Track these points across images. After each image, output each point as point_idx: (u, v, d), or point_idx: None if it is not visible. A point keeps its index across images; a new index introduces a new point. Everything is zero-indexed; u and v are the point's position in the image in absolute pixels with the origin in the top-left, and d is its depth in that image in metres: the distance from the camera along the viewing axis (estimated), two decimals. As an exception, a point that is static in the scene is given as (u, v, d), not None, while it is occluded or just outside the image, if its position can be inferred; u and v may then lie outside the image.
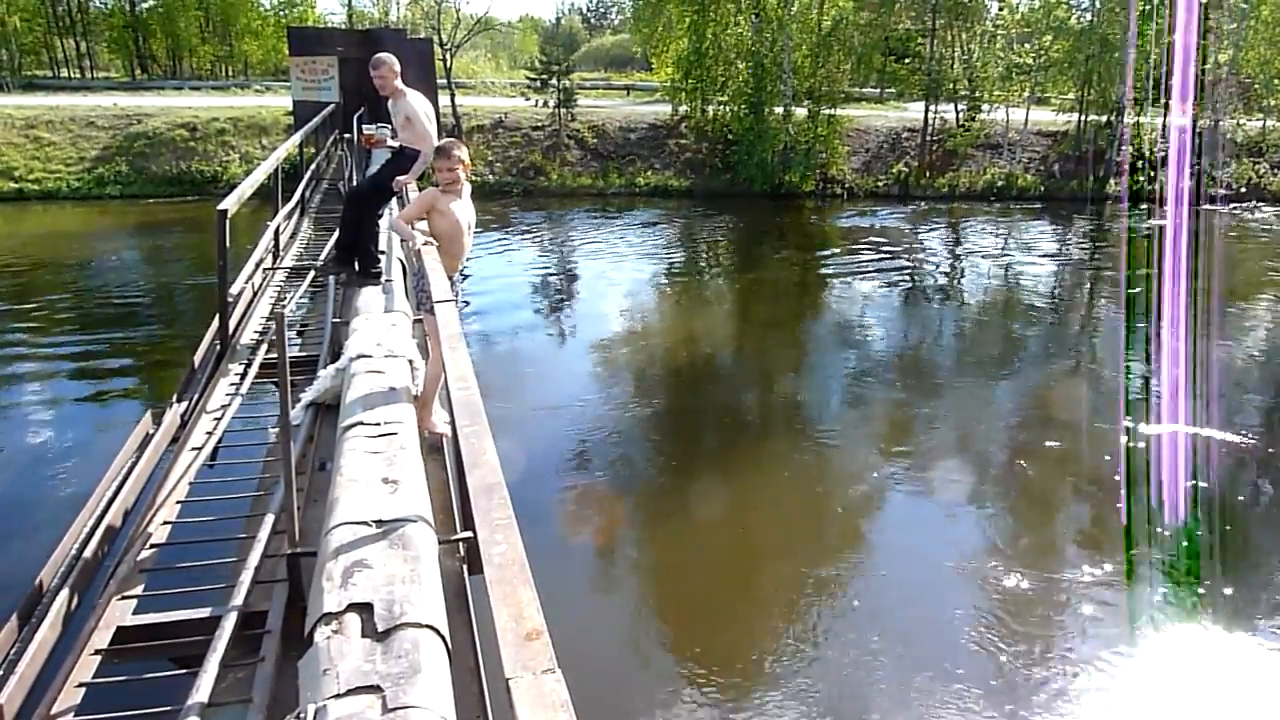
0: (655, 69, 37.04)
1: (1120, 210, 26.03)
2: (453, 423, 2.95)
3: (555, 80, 28.40)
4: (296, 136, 10.74)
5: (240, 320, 6.28)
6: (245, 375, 5.23)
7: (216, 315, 5.80)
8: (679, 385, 11.82)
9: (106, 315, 14.01)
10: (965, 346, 14.25)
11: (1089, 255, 21.30)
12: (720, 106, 29.37)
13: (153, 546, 3.44)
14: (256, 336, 6.00)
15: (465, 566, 3.20)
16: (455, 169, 4.53)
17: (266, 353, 5.55)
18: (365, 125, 7.08)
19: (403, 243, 5.39)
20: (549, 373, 11.97)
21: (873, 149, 29.21)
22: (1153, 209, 25.31)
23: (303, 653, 2.18)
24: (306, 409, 4.53)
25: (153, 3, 40.97)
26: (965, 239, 23.10)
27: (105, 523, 3.49)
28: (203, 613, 3.00)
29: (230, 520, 3.71)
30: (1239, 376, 12.36)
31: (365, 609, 2.24)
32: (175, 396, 5.00)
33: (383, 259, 6.98)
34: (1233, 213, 26.13)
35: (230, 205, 5.50)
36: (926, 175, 27.98)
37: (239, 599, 2.90)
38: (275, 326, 3.11)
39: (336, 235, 7.65)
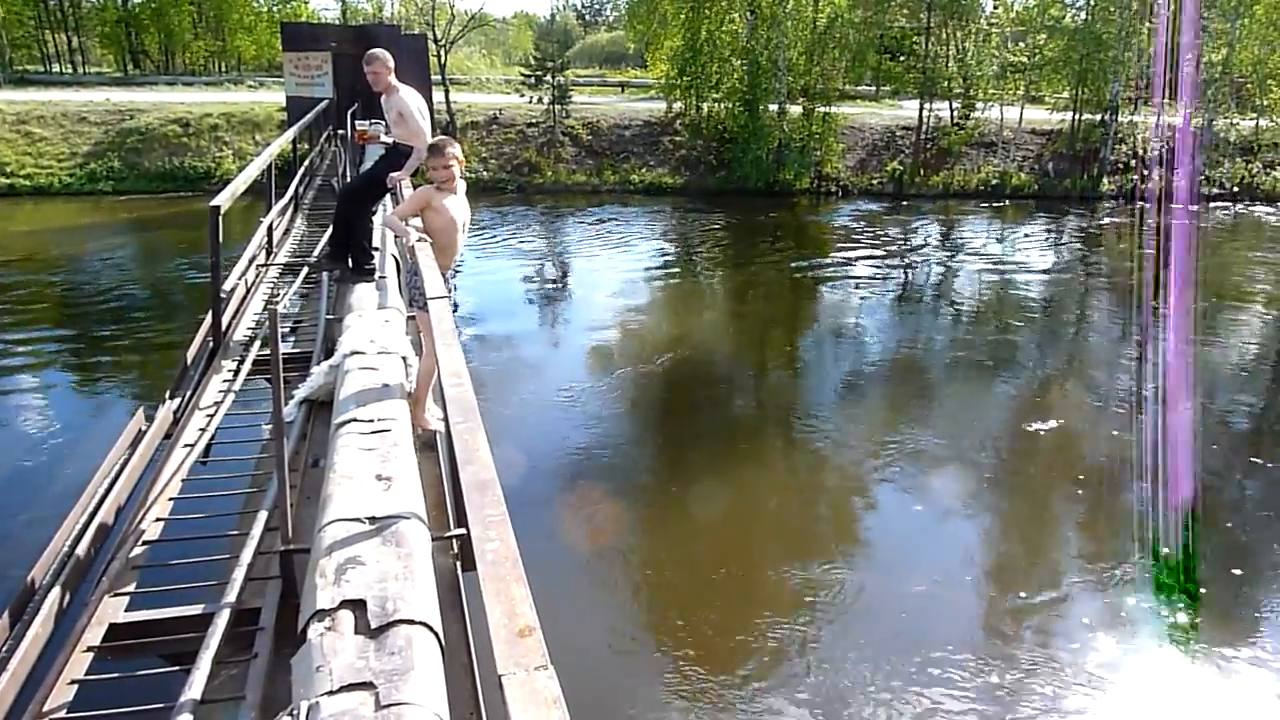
0: (650, 66, 37.05)
1: (1112, 209, 26.12)
2: (446, 419, 2.95)
3: (550, 77, 28.34)
4: (290, 133, 10.71)
5: (233, 317, 6.27)
6: (238, 372, 5.22)
7: (209, 312, 5.79)
8: (672, 384, 11.81)
9: (98, 312, 13.95)
10: (960, 345, 14.28)
11: (1083, 254, 21.37)
12: (715, 104, 29.35)
13: (145, 543, 3.43)
14: (250, 333, 5.99)
15: (459, 563, 3.20)
16: (450, 166, 4.50)
17: (260, 349, 5.54)
18: (359, 121, 7.07)
19: (396, 239, 5.37)
20: (542, 370, 11.95)
21: (867, 147, 29.23)
22: (1146, 208, 25.38)
23: (296, 649, 2.18)
24: (300, 406, 4.52)
25: (145, -3, 40.79)
26: (959, 237, 23.14)
27: (98, 519, 3.49)
28: (196, 609, 2.99)
29: (223, 517, 3.71)
30: (1234, 373, 12.42)
31: (358, 606, 2.24)
32: (168, 393, 4.99)
33: (376, 255, 6.97)
34: (1225, 212, 26.23)
35: (223, 202, 5.48)
36: (921, 173, 28.03)
37: (232, 596, 2.90)
38: (268, 323, 3.11)
39: (330, 232, 7.64)
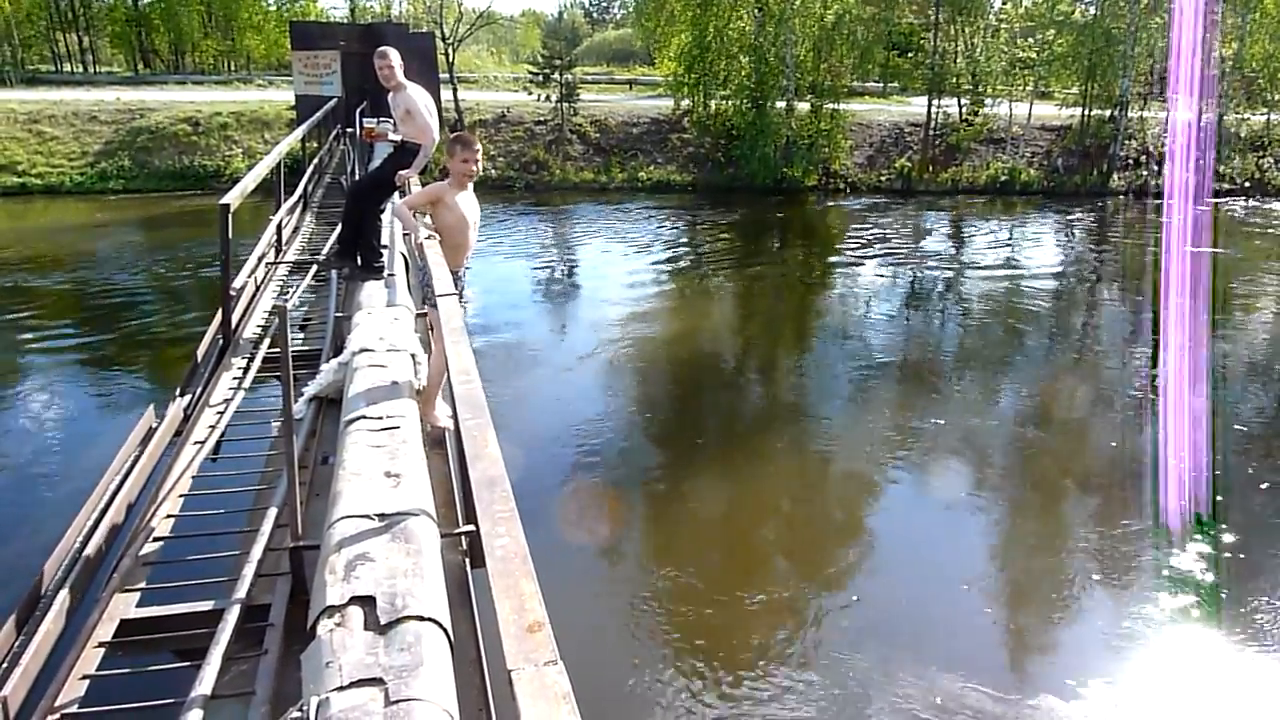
0: (658, 63, 36.95)
1: (1122, 205, 25.98)
2: (455, 416, 2.95)
3: (558, 75, 28.35)
4: (299, 131, 10.73)
5: (243, 314, 6.29)
6: (248, 369, 5.23)
7: (219, 309, 5.81)
8: (680, 381, 11.82)
9: (109, 309, 14.02)
10: (968, 341, 14.23)
11: (1092, 250, 21.26)
12: (723, 101, 29.29)
13: (156, 540, 3.45)
14: (259, 331, 6.01)
15: (468, 559, 3.20)
16: (477, 160, 4.52)
17: (269, 347, 5.56)
18: (367, 119, 7.07)
19: (405, 236, 5.37)
20: (550, 367, 11.96)
21: (875, 144, 29.13)
22: (1156, 204, 25.24)
23: (305, 646, 2.18)
24: (309, 403, 4.53)
25: (155, -3, 40.96)
26: (968, 234, 23.06)
27: (109, 516, 3.50)
28: (206, 606, 3.00)
29: (233, 514, 3.72)
30: (1247, 370, 12.34)
31: (368, 602, 2.24)
32: (178, 390, 5.01)
33: (385, 253, 6.97)
34: (1236, 206, 26.05)
35: (233, 200, 5.50)
36: (929, 170, 27.92)
37: (242, 592, 2.91)
38: (278, 321, 3.11)
39: (339, 230, 7.65)
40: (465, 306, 4.70)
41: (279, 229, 7.95)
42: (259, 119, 26.47)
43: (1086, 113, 29.20)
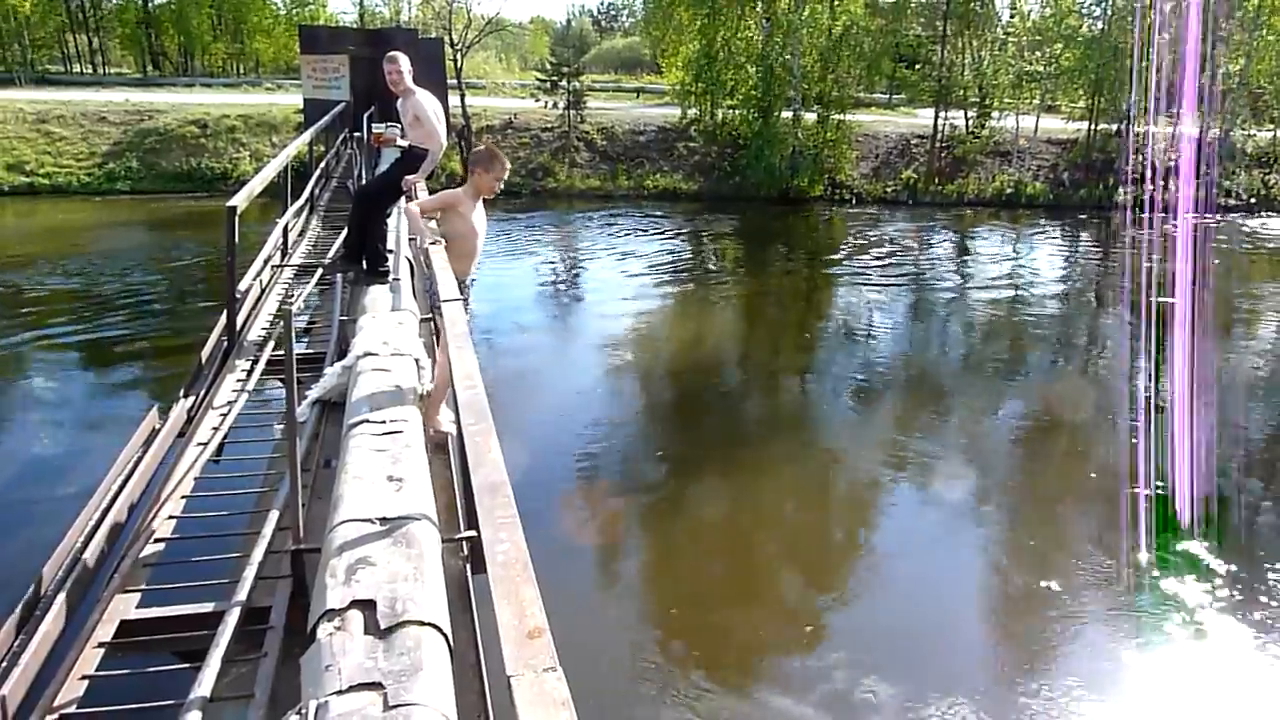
0: (665, 72, 37.05)
1: (1128, 219, 25.96)
2: (458, 421, 2.96)
3: (565, 82, 28.44)
4: (306, 135, 10.79)
5: (248, 317, 6.30)
6: (252, 372, 5.24)
7: (224, 311, 5.83)
8: (685, 389, 11.81)
9: (114, 309, 14.05)
10: (973, 354, 14.22)
11: (1098, 263, 21.25)
12: (729, 110, 29.36)
13: (157, 541, 3.45)
14: (264, 333, 6.02)
15: (469, 565, 3.20)
16: (504, 178, 4.56)
17: (273, 349, 5.57)
18: (374, 124, 7.10)
19: (411, 240, 5.38)
20: (554, 374, 11.97)
21: (881, 155, 29.16)
22: (1162, 218, 25.21)
23: (305, 649, 2.18)
24: (312, 406, 4.53)
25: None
26: (973, 246, 23.06)
27: (110, 517, 3.51)
28: (206, 607, 3.00)
29: (235, 516, 3.72)
30: (1250, 383, 12.31)
31: (368, 606, 2.24)
32: (182, 391, 5.02)
33: (390, 257, 7.00)
34: (1242, 223, 26.02)
35: (240, 202, 5.53)
36: (935, 182, 27.93)
37: (242, 594, 2.91)
38: (282, 323, 3.12)
39: (344, 234, 7.68)
40: (471, 316, 4.71)
41: (285, 232, 7.98)
42: (267, 122, 26.57)
43: (1093, 127, 29.22)
